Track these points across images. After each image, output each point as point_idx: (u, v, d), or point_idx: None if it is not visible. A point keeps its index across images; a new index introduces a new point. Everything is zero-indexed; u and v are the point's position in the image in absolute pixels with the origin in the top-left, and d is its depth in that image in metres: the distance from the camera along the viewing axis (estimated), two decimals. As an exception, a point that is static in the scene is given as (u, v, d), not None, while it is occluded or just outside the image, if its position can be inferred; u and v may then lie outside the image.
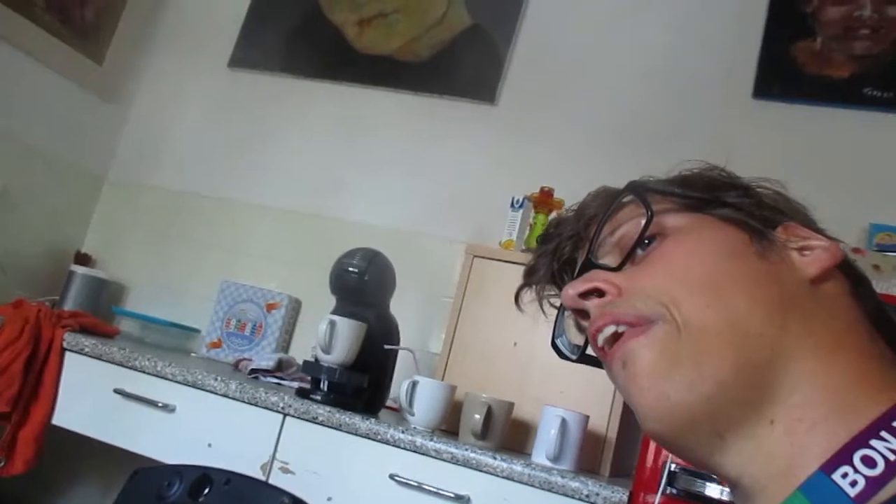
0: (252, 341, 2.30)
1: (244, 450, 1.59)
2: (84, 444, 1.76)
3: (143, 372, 1.71)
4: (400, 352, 1.74)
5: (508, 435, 1.57)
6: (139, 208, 2.63)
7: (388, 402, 1.80)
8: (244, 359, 2.10)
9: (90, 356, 1.78)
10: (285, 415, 1.59)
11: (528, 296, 0.65)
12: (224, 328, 2.34)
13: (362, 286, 1.66)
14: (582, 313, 0.54)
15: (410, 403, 1.56)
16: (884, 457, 0.41)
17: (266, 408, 1.60)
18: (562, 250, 0.61)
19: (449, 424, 1.63)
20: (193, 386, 1.66)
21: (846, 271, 0.53)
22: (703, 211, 0.54)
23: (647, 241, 0.53)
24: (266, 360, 1.97)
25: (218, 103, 2.63)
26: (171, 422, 1.68)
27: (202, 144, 2.61)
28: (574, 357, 0.59)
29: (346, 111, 2.46)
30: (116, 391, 1.72)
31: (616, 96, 2.20)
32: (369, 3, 2.48)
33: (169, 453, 1.64)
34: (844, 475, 0.41)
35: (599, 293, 0.53)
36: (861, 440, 0.43)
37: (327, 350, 1.59)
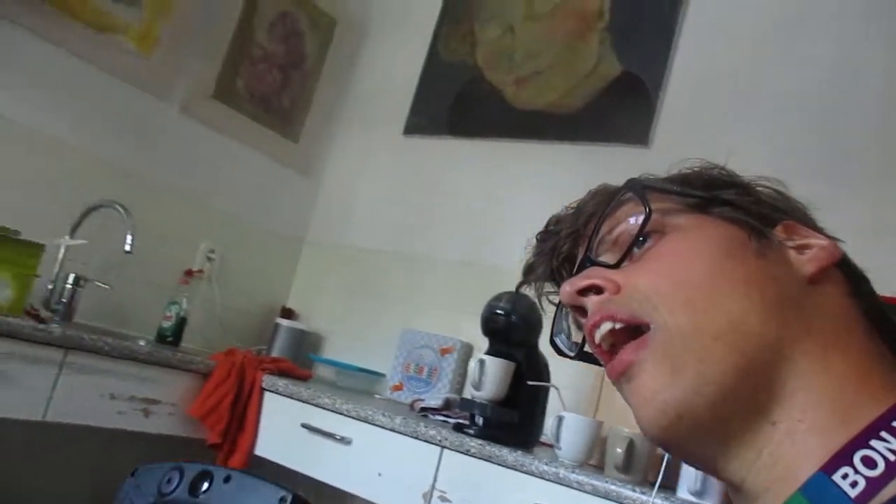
0: (429, 384, 2.48)
1: (408, 479, 1.75)
2: (278, 471, 2.02)
3: (325, 409, 1.94)
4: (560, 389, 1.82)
5: (653, 469, 1.58)
6: (333, 266, 2.95)
7: (543, 438, 1.88)
8: (418, 399, 2.28)
9: (283, 395, 2.05)
10: (443, 447, 1.72)
11: (528, 293, 0.65)
12: (404, 372, 2.55)
13: (509, 326, 1.78)
14: (580, 310, 0.54)
15: (557, 438, 1.63)
16: (884, 457, 0.41)
17: (426, 441, 1.75)
18: (560, 248, 0.61)
19: (598, 459, 1.68)
20: (365, 421, 1.86)
21: (845, 271, 0.52)
22: (701, 209, 0.54)
23: (644, 239, 0.53)
24: (435, 399, 2.13)
25: (395, 168, 2.91)
26: (347, 453, 1.88)
27: (383, 205, 2.90)
28: (572, 354, 0.59)
29: (505, 164, 2.62)
30: (303, 425, 1.96)
31: (771, 134, 2.15)
32: (525, 63, 2.64)
33: (346, 481, 1.84)
34: (845, 476, 0.41)
35: (597, 290, 0.53)
36: (861, 440, 0.42)
37: (478, 387, 1.72)
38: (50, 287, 2.16)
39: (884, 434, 0.42)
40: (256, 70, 2.73)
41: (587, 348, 0.55)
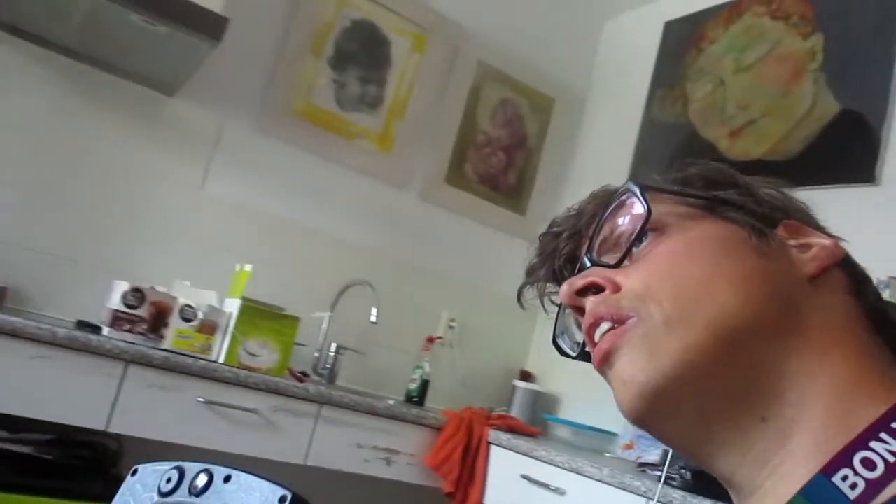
0: (657, 442, 2.48)
1: (616, 529, 1.80)
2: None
3: (541, 461, 2.07)
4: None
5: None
6: (566, 329, 3.08)
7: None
8: (640, 456, 2.30)
9: (506, 448, 2.22)
10: (647, 498, 1.75)
11: (531, 293, 0.66)
12: (635, 430, 2.57)
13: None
14: (580, 310, 0.54)
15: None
16: (883, 459, 0.41)
17: (632, 492, 1.79)
18: (562, 249, 0.61)
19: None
20: (577, 472, 1.95)
21: (848, 271, 0.52)
22: (702, 209, 0.54)
23: (644, 239, 0.53)
24: (653, 455, 2.15)
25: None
26: (562, 503, 1.98)
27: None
28: (574, 354, 0.60)
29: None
30: (523, 476, 2.10)
31: None
32: (737, 114, 2.61)
33: (560, 531, 1.93)
34: (844, 478, 0.41)
35: (597, 289, 0.53)
36: (861, 442, 0.42)
37: (679, 438, 1.73)
38: (316, 355, 2.58)
39: (883, 435, 0.42)
40: (482, 154, 3.04)
41: (588, 348, 0.55)
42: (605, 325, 0.52)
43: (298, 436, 2.07)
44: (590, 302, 0.53)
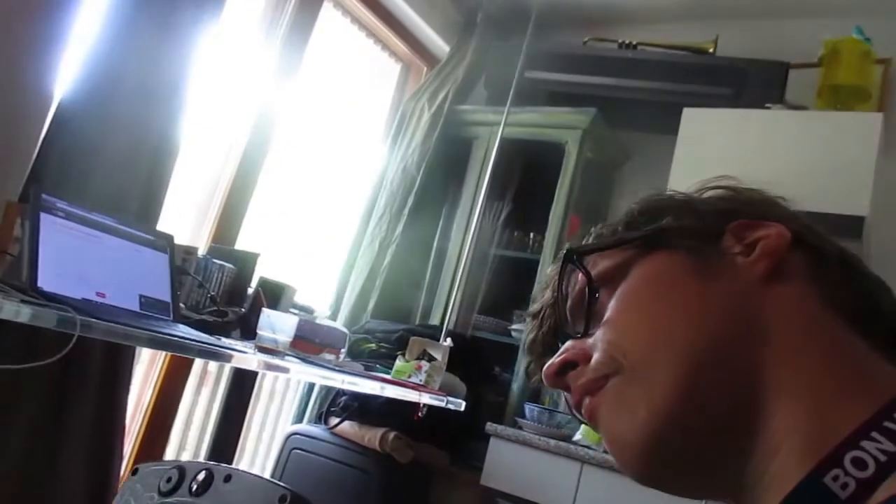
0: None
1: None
2: None
3: None
4: None
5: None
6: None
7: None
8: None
9: None
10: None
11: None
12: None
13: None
14: (567, 389, 0.55)
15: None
16: (874, 458, 0.41)
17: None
18: (544, 326, 0.62)
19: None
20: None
21: (803, 249, 0.51)
22: (642, 248, 0.54)
23: (596, 299, 0.54)
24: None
25: None
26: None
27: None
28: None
29: None
30: None
31: None
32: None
33: None
34: (835, 478, 0.41)
35: (573, 364, 0.53)
36: (851, 442, 0.42)
37: None
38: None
39: (875, 434, 0.42)
40: None
41: None
42: (587, 401, 0.52)
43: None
44: (571, 377, 0.53)
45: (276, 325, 1.57)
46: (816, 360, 0.46)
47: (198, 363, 2.35)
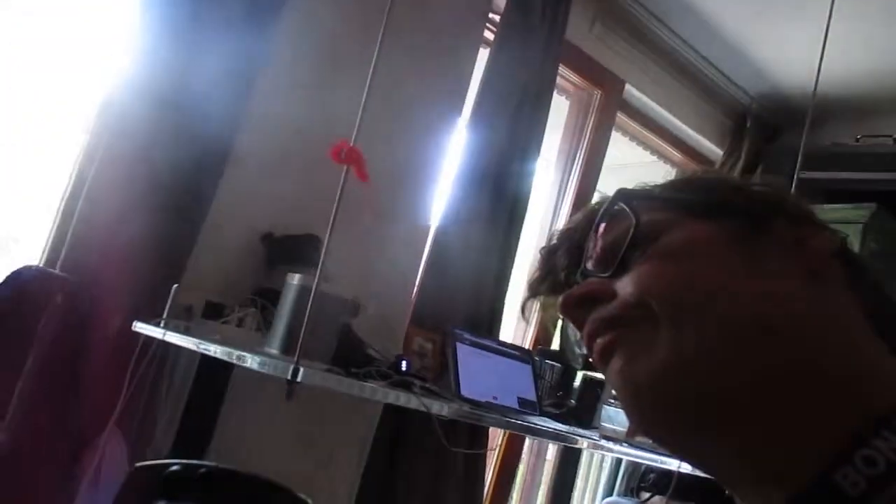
0: None
1: None
2: None
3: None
4: None
5: None
6: None
7: None
8: None
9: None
10: None
11: (534, 306, 0.66)
12: None
13: None
14: (579, 322, 0.54)
15: None
16: (885, 456, 0.41)
17: None
18: (562, 262, 0.62)
19: None
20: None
21: (845, 262, 0.51)
22: (692, 214, 0.54)
23: (636, 247, 0.53)
24: None
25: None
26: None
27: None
28: (579, 367, 0.65)
29: None
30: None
31: None
32: None
33: None
34: (846, 476, 0.41)
35: (592, 299, 0.53)
36: (863, 439, 0.42)
37: None
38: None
39: (886, 433, 0.42)
40: None
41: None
42: (605, 336, 0.52)
43: None
44: (588, 311, 0.53)
45: (614, 417, 2.01)
46: (844, 356, 0.46)
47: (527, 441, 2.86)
